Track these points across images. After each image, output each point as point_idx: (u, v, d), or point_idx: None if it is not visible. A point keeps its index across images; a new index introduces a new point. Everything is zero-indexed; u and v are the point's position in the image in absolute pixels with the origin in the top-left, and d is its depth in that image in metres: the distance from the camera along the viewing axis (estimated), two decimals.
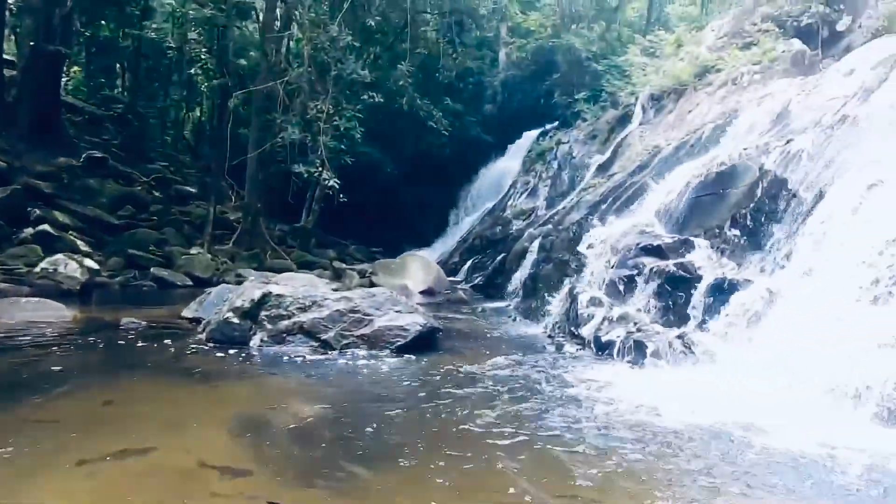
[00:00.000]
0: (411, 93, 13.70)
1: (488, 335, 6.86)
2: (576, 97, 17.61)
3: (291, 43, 14.58)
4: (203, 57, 15.73)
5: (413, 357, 5.32)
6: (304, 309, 5.72)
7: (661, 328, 5.64)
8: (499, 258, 11.61)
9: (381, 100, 11.73)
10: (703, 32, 14.17)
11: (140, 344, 5.45)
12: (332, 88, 10.75)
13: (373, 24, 11.72)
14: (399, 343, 5.54)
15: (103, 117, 16.36)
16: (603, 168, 13.09)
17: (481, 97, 20.93)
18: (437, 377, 4.68)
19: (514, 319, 7.91)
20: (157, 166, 15.13)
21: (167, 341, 5.53)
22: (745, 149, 7.45)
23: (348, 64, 11.10)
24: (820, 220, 5.37)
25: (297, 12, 11.20)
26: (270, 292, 5.85)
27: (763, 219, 6.19)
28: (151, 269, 10.32)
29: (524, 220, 14.28)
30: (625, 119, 14.54)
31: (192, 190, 15.29)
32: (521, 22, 21.56)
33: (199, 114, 21.29)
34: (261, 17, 13.06)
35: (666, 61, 13.65)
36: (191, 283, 10.19)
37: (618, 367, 5.12)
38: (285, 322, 5.64)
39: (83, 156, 12.64)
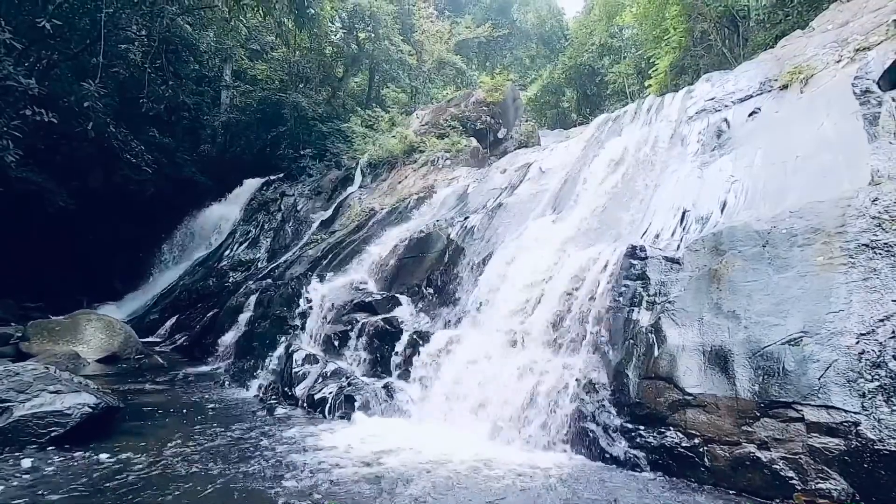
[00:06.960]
0: (101, 117, 11.36)
1: (189, 407, 6.00)
2: (302, 152, 18.03)
3: None
4: None
5: (77, 452, 4.19)
6: None
7: (370, 380, 6.10)
8: (210, 315, 10.47)
9: (55, 119, 9.33)
10: (411, 117, 16.79)
11: None
12: None
13: (48, 26, 9.39)
14: (55, 434, 4.31)
15: None
16: (325, 224, 13.65)
17: (198, 135, 19.11)
18: (107, 478, 3.76)
19: (224, 385, 7.18)
20: None
21: None
22: (437, 220, 9.04)
23: (2, 65, 8.57)
24: (485, 282, 6.92)
25: None
26: None
27: (449, 280, 7.55)
28: None
29: (243, 272, 13.41)
30: (347, 180, 15.64)
31: None
32: (247, 68, 21.03)
33: None
34: None
35: (381, 135, 15.53)
36: None
37: (328, 424, 5.24)
38: None
39: None
